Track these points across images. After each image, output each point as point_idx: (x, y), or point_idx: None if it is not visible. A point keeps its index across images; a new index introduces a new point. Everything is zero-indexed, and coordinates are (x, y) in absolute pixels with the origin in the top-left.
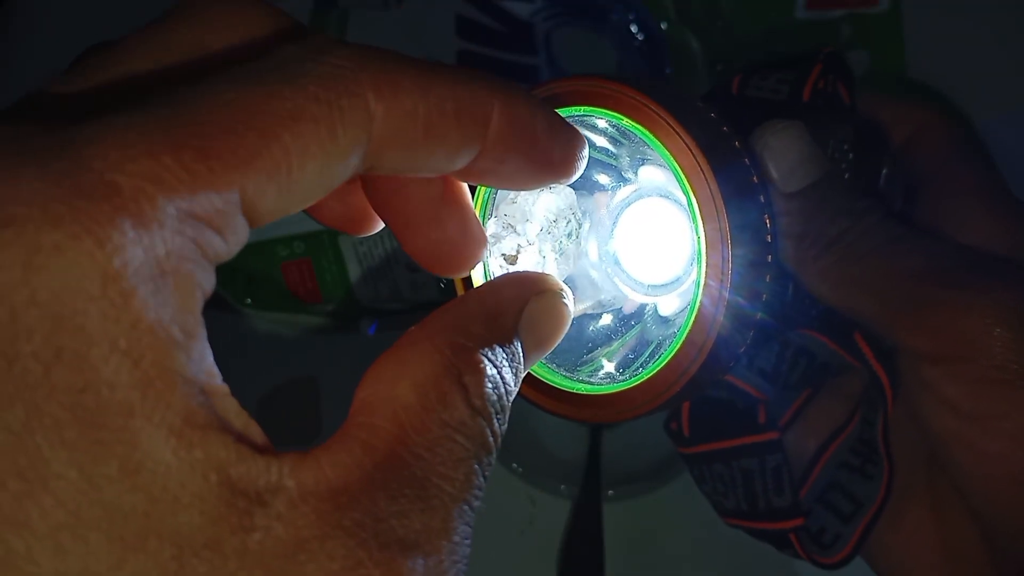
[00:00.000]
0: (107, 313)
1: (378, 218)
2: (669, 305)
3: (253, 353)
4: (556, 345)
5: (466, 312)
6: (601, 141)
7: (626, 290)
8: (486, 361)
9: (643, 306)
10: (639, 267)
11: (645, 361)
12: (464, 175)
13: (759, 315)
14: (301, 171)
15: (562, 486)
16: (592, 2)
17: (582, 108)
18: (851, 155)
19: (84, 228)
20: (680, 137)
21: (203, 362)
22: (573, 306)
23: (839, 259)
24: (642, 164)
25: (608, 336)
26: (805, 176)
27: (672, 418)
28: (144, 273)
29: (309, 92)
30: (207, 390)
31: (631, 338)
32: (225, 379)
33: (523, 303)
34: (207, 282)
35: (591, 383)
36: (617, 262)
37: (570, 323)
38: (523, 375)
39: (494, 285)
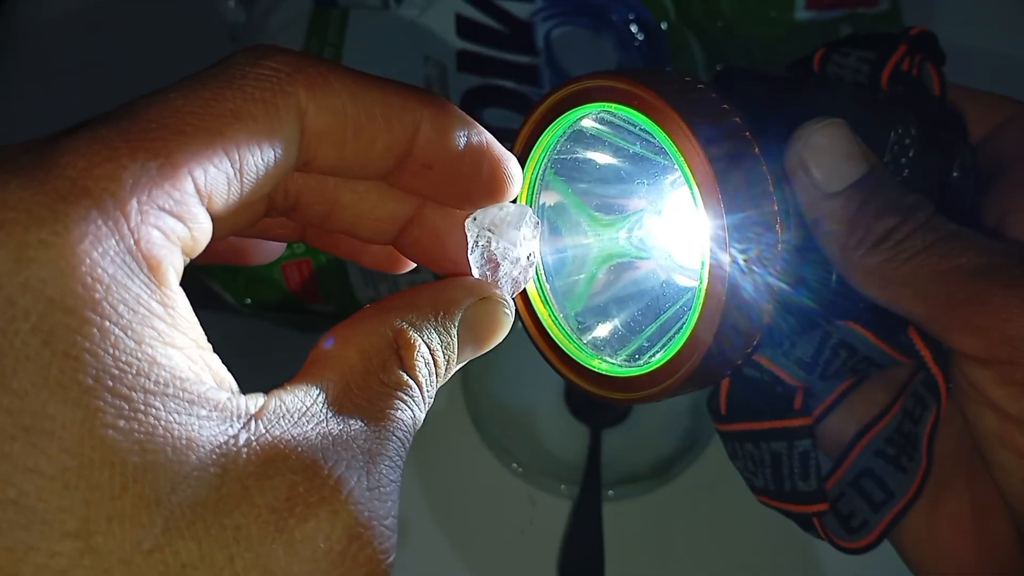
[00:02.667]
0: (91, 294)
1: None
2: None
3: (253, 353)
4: (492, 346)
5: (415, 299)
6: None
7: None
8: (420, 341)
9: (670, 293)
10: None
11: (658, 350)
12: (397, 181)
13: (768, 309)
14: (246, 162)
15: (562, 486)
16: (592, 2)
17: (588, 106)
18: (912, 147)
19: (64, 226)
20: (678, 123)
21: (184, 325)
22: (512, 317)
23: (886, 259)
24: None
25: (637, 320)
26: (848, 174)
27: (713, 395)
28: (118, 259)
29: (247, 93)
30: (188, 348)
31: (655, 326)
32: None
33: (465, 303)
34: (177, 262)
35: (614, 364)
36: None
37: (506, 331)
38: (456, 362)
39: (447, 282)
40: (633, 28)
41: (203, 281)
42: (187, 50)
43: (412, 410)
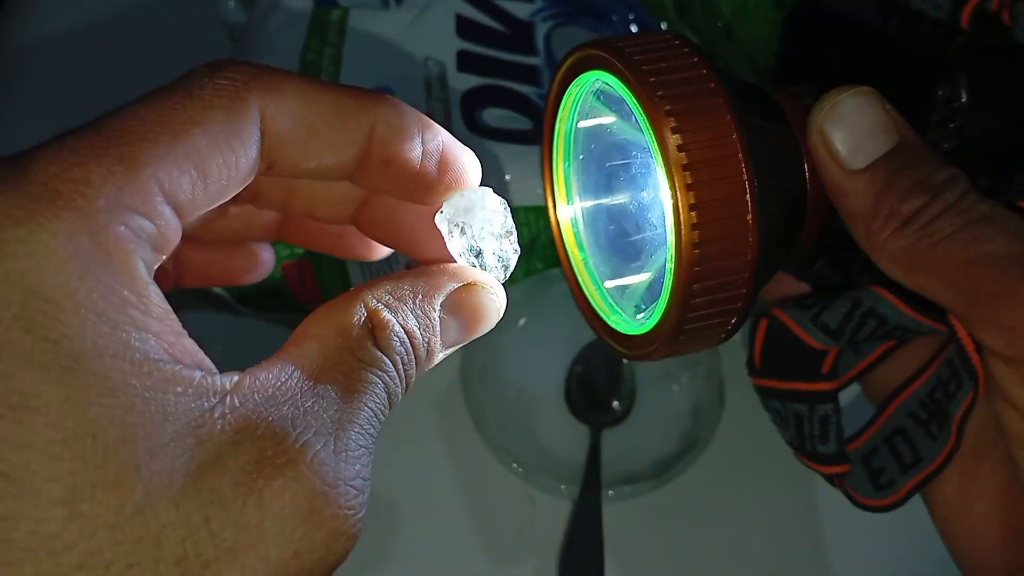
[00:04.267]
0: (66, 285)
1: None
2: None
3: (253, 354)
4: (480, 331)
5: (397, 282)
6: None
7: None
8: (395, 322)
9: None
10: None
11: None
12: (360, 180)
13: (750, 258)
14: (209, 165)
15: (562, 486)
16: (592, 2)
17: (588, 74)
18: (961, 112)
19: (38, 224)
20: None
21: (157, 312)
22: (500, 303)
23: (912, 243)
24: None
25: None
26: (875, 148)
27: (750, 345)
28: (89, 253)
29: (206, 101)
30: (163, 333)
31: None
32: None
33: (447, 288)
34: (146, 256)
35: (625, 318)
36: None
37: (493, 316)
38: (441, 347)
39: (431, 267)
40: (633, 28)
41: None
42: (187, 51)
43: (387, 385)
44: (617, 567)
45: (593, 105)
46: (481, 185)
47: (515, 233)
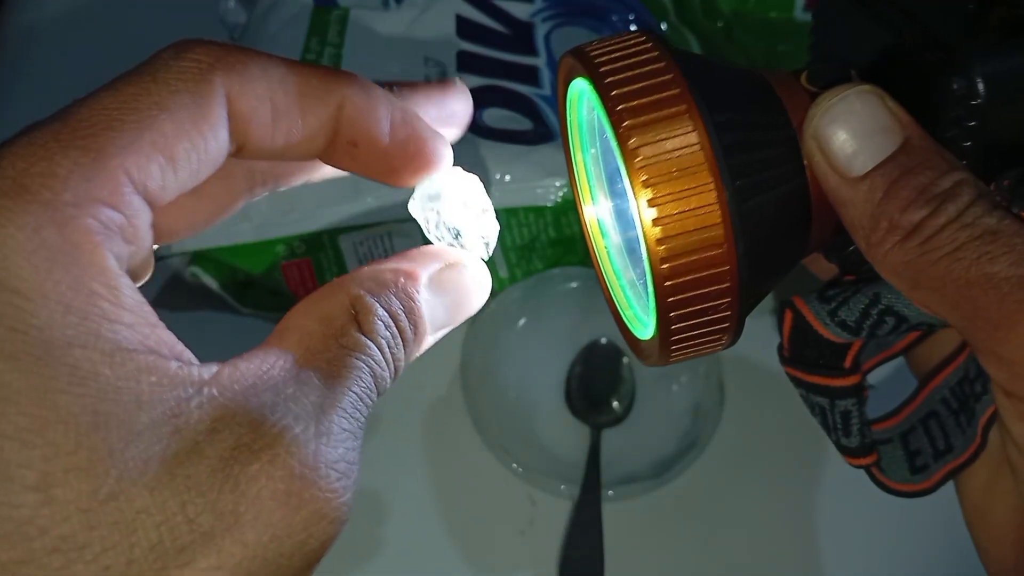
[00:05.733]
0: (34, 276)
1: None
2: None
3: None
4: (468, 312)
5: (379, 268)
6: None
7: None
8: (378, 306)
9: None
10: None
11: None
12: (329, 159)
13: (728, 267)
14: (176, 150)
15: (562, 486)
16: (592, 2)
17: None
18: (977, 111)
19: (7, 218)
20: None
21: (130, 304)
22: (485, 282)
23: (913, 259)
24: None
25: None
26: (875, 152)
27: (780, 332)
28: (56, 245)
29: (172, 86)
30: (136, 324)
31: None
32: None
33: (430, 269)
34: (116, 248)
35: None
36: None
37: (480, 295)
38: (431, 329)
39: (412, 251)
40: (633, 28)
41: (203, 282)
42: None
43: (373, 369)
44: (617, 567)
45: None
46: (472, 176)
47: (491, 209)
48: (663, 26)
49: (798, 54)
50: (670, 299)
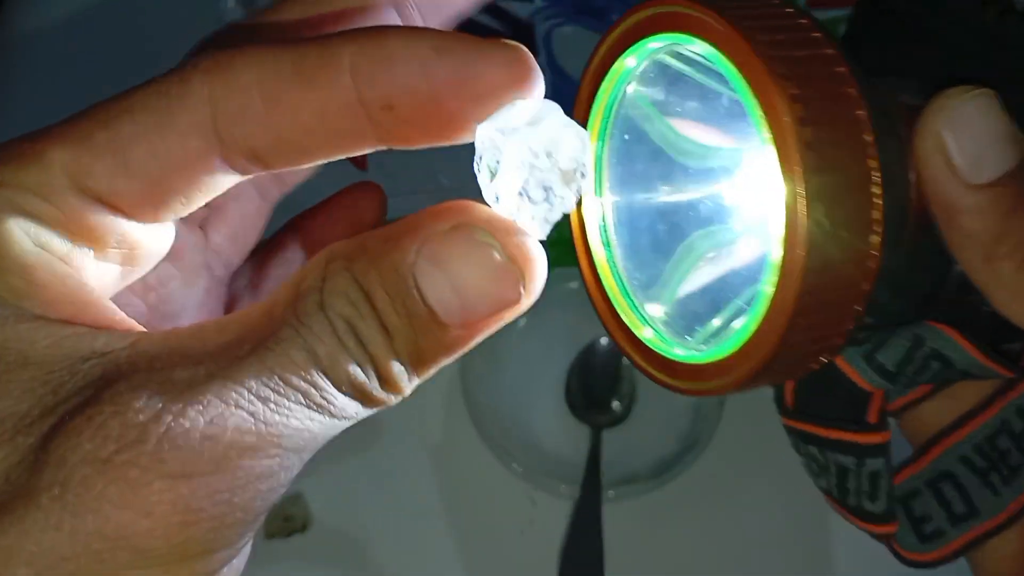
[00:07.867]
0: None
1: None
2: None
3: None
4: (483, 297)
5: (381, 229)
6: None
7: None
8: (348, 275)
9: (741, 264)
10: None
11: (725, 331)
12: (381, 138)
13: (864, 288)
14: (132, 152)
15: (562, 486)
16: (592, 2)
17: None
18: None
19: None
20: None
21: (24, 270)
22: (539, 272)
23: None
24: None
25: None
26: (1000, 161)
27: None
28: None
29: (150, 88)
30: (31, 289)
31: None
32: None
33: (425, 232)
34: (32, 232)
35: (678, 345)
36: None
37: (521, 288)
38: (422, 308)
39: (412, 215)
40: None
41: None
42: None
43: (308, 343)
44: (617, 567)
45: (655, 77)
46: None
47: (589, 175)
48: None
49: None
50: (797, 316)
